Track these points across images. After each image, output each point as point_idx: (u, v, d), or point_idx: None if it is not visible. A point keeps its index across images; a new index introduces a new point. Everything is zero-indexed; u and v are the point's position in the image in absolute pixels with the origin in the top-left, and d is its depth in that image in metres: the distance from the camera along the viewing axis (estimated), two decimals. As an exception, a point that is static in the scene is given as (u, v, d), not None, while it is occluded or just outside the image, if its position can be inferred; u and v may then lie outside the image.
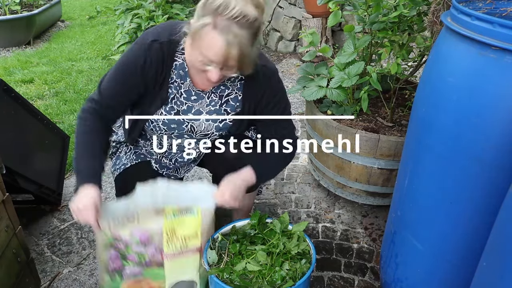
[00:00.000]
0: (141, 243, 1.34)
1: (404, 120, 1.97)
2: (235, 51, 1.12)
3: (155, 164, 1.59)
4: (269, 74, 1.38)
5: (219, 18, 1.11)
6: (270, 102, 1.42)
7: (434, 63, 1.16)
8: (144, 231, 1.33)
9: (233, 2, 1.10)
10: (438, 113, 1.11)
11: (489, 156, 1.02)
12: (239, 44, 1.12)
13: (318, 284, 1.68)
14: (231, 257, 1.43)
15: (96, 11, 4.32)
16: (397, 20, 1.81)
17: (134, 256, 1.35)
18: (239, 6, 1.10)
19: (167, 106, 1.41)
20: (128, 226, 1.32)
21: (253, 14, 1.12)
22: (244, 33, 1.12)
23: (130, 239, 1.33)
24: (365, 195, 1.95)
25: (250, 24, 1.12)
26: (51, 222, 2.01)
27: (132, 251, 1.34)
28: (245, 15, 1.11)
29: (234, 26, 1.11)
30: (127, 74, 1.34)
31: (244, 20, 1.11)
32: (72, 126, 2.83)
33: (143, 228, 1.33)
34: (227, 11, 1.10)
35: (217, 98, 1.42)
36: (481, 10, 1.10)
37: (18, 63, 4.11)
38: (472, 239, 1.14)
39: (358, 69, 1.79)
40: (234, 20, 1.10)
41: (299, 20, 4.12)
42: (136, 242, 1.33)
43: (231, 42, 1.11)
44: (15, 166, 1.66)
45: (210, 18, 1.12)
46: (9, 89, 1.79)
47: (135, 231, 1.33)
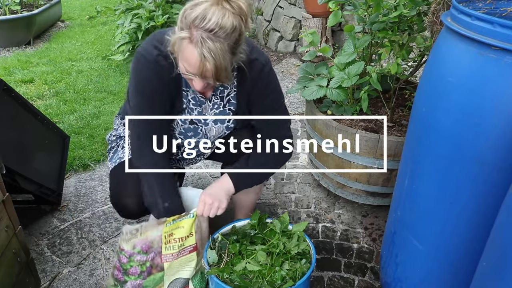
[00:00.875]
0: (142, 252, 1.36)
1: (404, 120, 1.97)
2: (210, 65, 1.12)
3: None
4: (260, 67, 1.37)
5: (195, 31, 1.10)
6: (262, 93, 1.41)
7: (434, 63, 1.16)
8: (145, 241, 1.36)
9: (210, 13, 1.08)
10: (438, 113, 1.11)
11: (489, 156, 1.02)
12: (214, 58, 1.11)
13: (318, 284, 1.68)
14: (231, 257, 1.43)
15: (96, 11, 4.31)
16: (397, 20, 1.81)
17: (135, 268, 1.39)
18: (215, 18, 1.08)
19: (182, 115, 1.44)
20: (131, 240, 1.36)
21: (231, 25, 1.10)
22: (220, 46, 1.10)
23: (132, 250, 1.37)
24: (365, 195, 1.95)
25: (227, 35, 1.11)
26: (51, 222, 2.01)
27: (134, 261, 1.38)
28: (221, 27, 1.09)
29: (210, 39, 1.09)
30: (153, 95, 1.33)
31: (220, 32, 1.09)
32: (72, 126, 2.84)
33: (145, 238, 1.36)
34: (203, 23, 1.08)
35: (219, 100, 1.44)
36: (481, 10, 1.10)
37: (18, 63, 4.11)
38: (472, 239, 1.14)
39: (358, 69, 1.79)
40: (210, 32, 1.09)
41: (299, 20, 4.12)
42: (138, 251, 1.36)
43: (206, 56, 1.10)
44: (15, 166, 1.66)
45: (186, 32, 1.11)
46: (9, 89, 1.79)
47: (137, 242, 1.37)
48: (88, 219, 2.03)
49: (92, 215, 2.05)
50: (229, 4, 1.11)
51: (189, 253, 1.43)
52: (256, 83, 1.38)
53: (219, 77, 1.17)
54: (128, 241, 1.37)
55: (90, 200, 2.16)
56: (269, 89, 1.42)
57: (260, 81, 1.38)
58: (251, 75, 1.36)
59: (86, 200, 2.16)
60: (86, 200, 2.17)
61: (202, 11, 1.09)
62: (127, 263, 1.38)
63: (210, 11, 1.08)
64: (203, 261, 1.43)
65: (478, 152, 1.03)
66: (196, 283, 1.49)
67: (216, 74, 1.15)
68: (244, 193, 1.56)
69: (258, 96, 1.41)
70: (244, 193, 1.56)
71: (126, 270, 1.39)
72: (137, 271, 1.39)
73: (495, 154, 1.01)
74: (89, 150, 2.56)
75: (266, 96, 1.42)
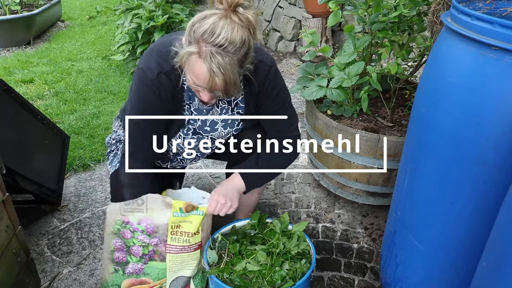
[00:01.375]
0: (146, 232, 1.36)
1: (404, 120, 1.97)
2: (219, 80, 1.11)
3: (156, 160, 1.61)
4: (267, 69, 1.36)
5: (204, 46, 1.08)
6: (270, 96, 1.41)
7: (434, 63, 1.16)
8: (150, 222, 1.35)
9: (219, 28, 1.07)
10: (438, 113, 1.11)
11: (489, 156, 1.02)
12: (224, 73, 1.10)
13: (318, 284, 1.68)
14: (231, 257, 1.43)
15: (96, 11, 4.31)
16: (397, 20, 1.81)
17: (138, 248, 1.38)
18: (224, 33, 1.07)
19: (185, 128, 1.44)
20: (136, 213, 1.35)
21: (240, 39, 1.09)
22: (229, 61, 1.10)
23: (137, 226, 1.36)
24: (365, 195, 1.95)
25: (236, 50, 1.10)
26: (51, 222, 2.01)
27: (137, 239, 1.37)
28: (230, 42, 1.08)
29: (219, 54, 1.08)
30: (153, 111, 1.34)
31: (230, 47, 1.08)
32: (72, 126, 2.84)
33: (150, 218, 1.36)
34: (212, 38, 1.07)
35: (227, 105, 1.44)
36: (481, 10, 1.10)
37: (18, 63, 4.11)
38: (472, 239, 1.14)
39: (358, 69, 1.79)
40: (219, 48, 1.08)
41: (299, 20, 4.12)
42: (141, 230, 1.36)
43: (215, 71, 1.10)
44: (15, 166, 1.66)
45: (195, 46, 1.10)
46: (9, 89, 1.79)
47: (143, 220, 1.36)
48: (88, 219, 2.03)
49: (92, 215, 2.05)
50: (237, 16, 1.09)
51: (193, 250, 1.43)
52: (263, 85, 1.39)
53: (228, 92, 1.16)
54: (132, 213, 1.35)
55: (90, 200, 2.16)
56: (276, 90, 1.42)
57: (267, 83, 1.38)
58: (258, 78, 1.36)
59: (86, 200, 2.16)
60: (86, 200, 2.17)
61: (210, 25, 1.07)
62: (130, 238, 1.37)
63: (219, 25, 1.07)
64: (203, 261, 1.43)
65: (478, 152, 1.03)
66: (197, 283, 1.49)
67: (226, 89, 1.15)
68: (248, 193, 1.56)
69: (266, 97, 1.42)
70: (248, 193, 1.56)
71: (129, 248, 1.38)
72: (139, 253, 1.38)
73: (495, 154, 1.01)
74: (89, 150, 2.56)
75: (274, 97, 1.42)
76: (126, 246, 1.39)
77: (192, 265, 1.45)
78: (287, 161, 1.54)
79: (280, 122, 1.47)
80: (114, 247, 1.41)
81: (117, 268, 1.43)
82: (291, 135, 1.50)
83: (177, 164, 1.65)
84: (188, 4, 3.97)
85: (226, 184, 1.47)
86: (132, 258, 1.40)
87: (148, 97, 1.31)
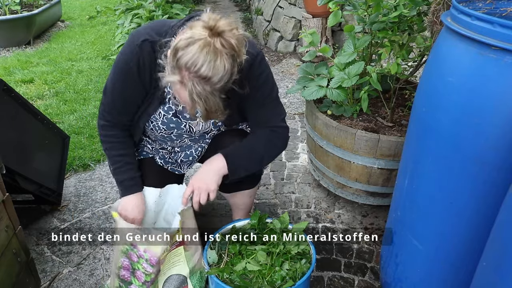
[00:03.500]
0: (149, 263, 1.37)
1: (404, 120, 1.97)
2: (201, 108, 1.12)
3: (159, 160, 1.61)
4: (250, 60, 1.32)
5: (187, 75, 1.08)
6: (254, 85, 1.36)
7: (434, 63, 1.16)
8: (154, 254, 1.36)
9: (201, 59, 1.06)
10: (438, 113, 1.11)
11: (489, 156, 1.02)
12: (205, 102, 1.10)
13: (318, 284, 1.68)
14: (231, 257, 1.43)
15: (96, 11, 4.32)
16: (397, 20, 1.81)
17: (141, 274, 1.39)
18: (206, 66, 1.06)
19: (165, 106, 1.41)
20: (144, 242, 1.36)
21: (223, 69, 1.08)
22: (211, 90, 1.10)
23: (143, 253, 1.37)
24: (365, 195, 1.95)
25: (220, 80, 1.09)
26: (51, 222, 2.01)
27: (141, 266, 1.38)
28: (213, 74, 1.07)
29: (200, 85, 1.08)
30: (126, 80, 1.34)
31: (213, 78, 1.08)
32: (72, 126, 2.84)
33: (154, 252, 1.36)
34: (194, 69, 1.07)
35: None
36: (481, 10, 1.10)
37: (18, 63, 4.11)
38: (472, 239, 1.14)
39: (358, 69, 1.79)
40: (202, 79, 1.08)
41: (299, 20, 4.12)
42: (146, 259, 1.37)
43: (196, 100, 1.10)
44: (15, 166, 1.66)
45: (178, 76, 1.10)
46: (9, 89, 1.79)
47: (148, 250, 1.37)
48: (88, 219, 2.03)
49: (92, 215, 2.06)
50: (220, 42, 1.08)
51: (175, 247, 1.44)
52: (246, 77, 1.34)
53: (210, 117, 1.17)
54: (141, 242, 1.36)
55: (90, 200, 2.16)
56: (260, 80, 1.38)
57: (251, 75, 1.34)
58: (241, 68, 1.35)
59: (86, 200, 2.16)
60: (86, 200, 2.17)
61: (193, 56, 1.06)
62: (136, 263, 1.38)
63: (201, 56, 1.06)
64: (203, 261, 1.43)
65: (478, 152, 1.03)
66: (195, 283, 1.49)
67: (207, 115, 1.16)
68: (239, 197, 1.55)
69: (251, 88, 1.35)
70: (239, 197, 1.55)
71: (134, 271, 1.40)
72: (142, 279, 1.39)
73: (495, 154, 1.01)
74: (89, 150, 2.56)
75: (258, 87, 1.38)
76: (132, 268, 1.40)
77: (179, 262, 1.45)
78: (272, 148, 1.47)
79: (266, 113, 1.43)
80: (121, 264, 1.42)
81: (122, 284, 1.44)
82: (279, 125, 1.45)
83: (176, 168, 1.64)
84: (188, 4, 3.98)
85: (202, 167, 1.40)
86: (135, 281, 1.41)
87: (128, 60, 1.31)
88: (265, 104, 1.42)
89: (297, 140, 2.72)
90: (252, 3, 5.55)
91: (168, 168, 1.63)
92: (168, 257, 1.44)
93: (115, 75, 1.36)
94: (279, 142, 1.47)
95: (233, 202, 1.73)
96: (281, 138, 1.47)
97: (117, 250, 1.43)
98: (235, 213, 1.80)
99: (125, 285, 1.43)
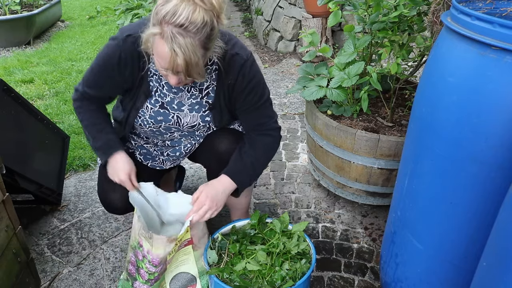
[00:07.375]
0: (152, 264, 1.38)
1: (404, 120, 1.97)
2: (180, 60, 1.13)
3: (139, 156, 1.62)
4: (241, 62, 1.36)
5: (166, 27, 1.11)
6: (245, 89, 1.40)
7: (434, 63, 1.16)
8: (156, 256, 1.36)
9: (180, 9, 1.09)
10: (438, 113, 1.11)
11: (489, 156, 1.02)
12: (184, 52, 1.12)
13: (318, 284, 1.68)
14: (231, 257, 1.43)
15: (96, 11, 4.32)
16: (397, 20, 1.81)
17: (144, 273, 1.40)
18: (185, 13, 1.09)
19: (152, 99, 1.43)
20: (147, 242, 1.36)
21: (201, 20, 1.11)
22: (190, 41, 1.11)
23: (147, 254, 1.37)
24: (365, 195, 1.95)
25: (197, 30, 1.11)
26: (51, 222, 2.01)
27: (145, 266, 1.39)
28: (191, 22, 1.10)
29: (180, 34, 1.10)
30: (106, 70, 1.38)
31: (191, 27, 1.10)
32: (72, 126, 2.84)
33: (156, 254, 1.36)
34: (173, 18, 1.09)
35: (198, 92, 1.44)
36: (481, 10, 1.10)
37: (18, 63, 4.11)
38: (472, 239, 1.14)
39: (358, 69, 1.79)
40: (180, 28, 1.10)
41: (299, 20, 4.12)
42: (149, 260, 1.37)
43: (176, 51, 1.11)
44: (15, 166, 1.66)
45: (158, 27, 1.12)
46: (9, 89, 1.79)
47: (150, 252, 1.37)
48: (88, 219, 2.03)
49: (92, 215, 2.06)
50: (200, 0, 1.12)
51: (184, 246, 1.44)
52: (237, 79, 1.38)
53: (190, 73, 1.18)
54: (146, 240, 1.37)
55: (90, 200, 2.16)
56: (251, 84, 1.40)
57: (240, 76, 1.38)
58: (232, 70, 1.36)
59: (86, 200, 2.16)
60: (86, 200, 2.17)
61: (173, 7, 1.10)
62: (141, 261, 1.39)
63: (180, 6, 1.10)
64: (203, 261, 1.43)
65: (478, 152, 1.03)
66: (204, 284, 1.49)
67: (187, 70, 1.16)
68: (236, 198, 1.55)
69: (241, 91, 1.40)
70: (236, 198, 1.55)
71: (138, 269, 1.40)
72: (145, 277, 1.40)
73: (495, 154, 1.01)
74: (89, 150, 2.56)
75: (249, 91, 1.40)
76: (137, 265, 1.41)
77: (187, 261, 1.45)
78: (272, 152, 1.52)
79: (260, 116, 1.46)
80: (129, 259, 1.45)
81: (129, 278, 1.47)
82: (273, 128, 1.49)
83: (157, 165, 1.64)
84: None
85: (216, 185, 1.42)
86: (139, 278, 1.42)
87: (111, 53, 1.34)
88: (258, 107, 1.45)
89: (297, 140, 2.72)
90: (252, 3, 5.55)
91: (148, 164, 1.63)
92: (177, 255, 1.44)
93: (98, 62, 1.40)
94: (276, 145, 1.53)
95: (230, 203, 1.73)
96: (277, 141, 1.53)
97: (130, 245, 1.45)
98: (233, 213, 1.80)
99: (131, 279, 1.45)
